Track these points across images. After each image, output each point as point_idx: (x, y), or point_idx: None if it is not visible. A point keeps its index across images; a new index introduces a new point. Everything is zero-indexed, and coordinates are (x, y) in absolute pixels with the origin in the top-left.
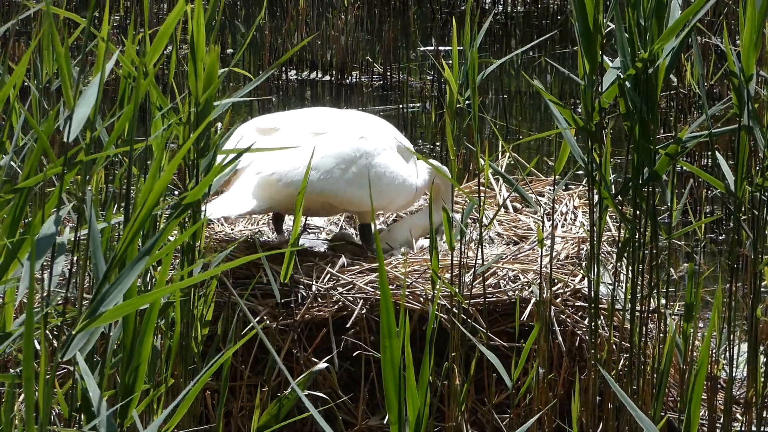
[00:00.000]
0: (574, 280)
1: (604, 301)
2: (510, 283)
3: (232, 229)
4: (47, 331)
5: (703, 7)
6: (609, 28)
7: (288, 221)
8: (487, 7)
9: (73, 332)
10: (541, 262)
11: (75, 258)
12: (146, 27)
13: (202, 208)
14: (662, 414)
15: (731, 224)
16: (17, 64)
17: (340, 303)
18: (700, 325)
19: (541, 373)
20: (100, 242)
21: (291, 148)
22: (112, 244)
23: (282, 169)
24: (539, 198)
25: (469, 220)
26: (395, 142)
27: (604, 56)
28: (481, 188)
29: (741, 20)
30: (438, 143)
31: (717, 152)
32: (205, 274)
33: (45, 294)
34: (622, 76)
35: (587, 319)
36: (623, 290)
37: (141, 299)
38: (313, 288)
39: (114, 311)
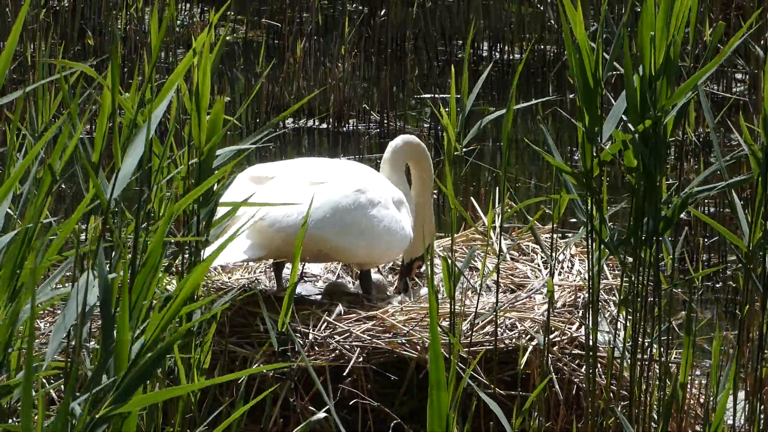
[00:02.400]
0: (571, 328)
1: (601, 349)
2: (507, 331)
3: (229, 278)
4: (44, 379)
5: (713, 68)
6: (609, 74)
7: (287, 271)
8: (484, 55)
9: (97, 416)
10: (549, 310)
11: (78, 309)
12: (152, 76)
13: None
14: None
15: (727, 273)
16: (13, 113)
17: (337, 351)
18: (697, 372)
19: (540, 423)
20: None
21: (287, 196)
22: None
23: (276, 215)
24: (535, 246)
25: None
26: (391, 196)
27: (610, 96)
28: (481, 237)
29: (763, 85)
30: (436, 190)
31: (738, 203)
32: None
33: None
34: (632, 130)
35: (584, 367)
36: (621, 338)
37: (168, 392)
38: (310, 336)
39: (140, 400)
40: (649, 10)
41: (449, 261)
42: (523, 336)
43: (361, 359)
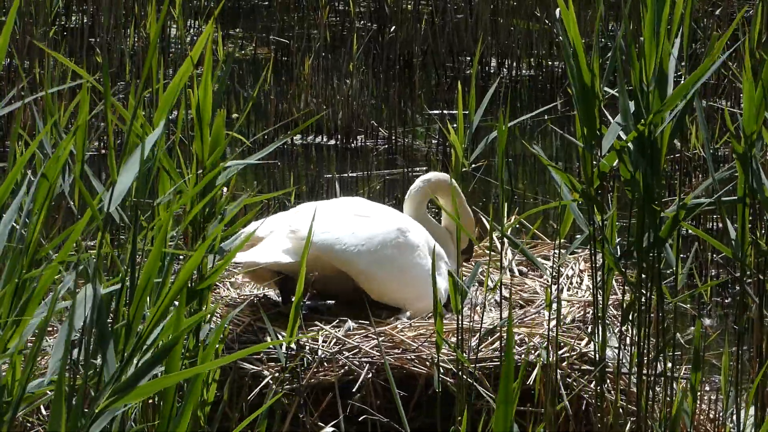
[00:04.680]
0: (580, 344)
1: (610, 364)
2: (516, 346)
3: (238, 294)
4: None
5: (705, 74)
6: (608, 95)
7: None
8: (492, 71)
9: (96, 410)
10: (549, 325)
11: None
12: (153, 90)
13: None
14: None
15: (737, 287)
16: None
17: (347, 367)
18: (707, 388)
19: None
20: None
21: (329, 220)
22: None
23: (315, 231)
24: (544, 261)
25: (474, 283)
26: (427, 245)
27: (606, 113)
28: (488, 252)
29: (745, 87)
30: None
31: (726, 218)
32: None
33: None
34: (624, 139)
35: (593, 382)
36: (629, 354)
37: (164, 380)
38: (319, 352)
39: (140, 390)
40: (647, 19)
41: (455, 276)
42: (532, 351)
43: (370, 375)
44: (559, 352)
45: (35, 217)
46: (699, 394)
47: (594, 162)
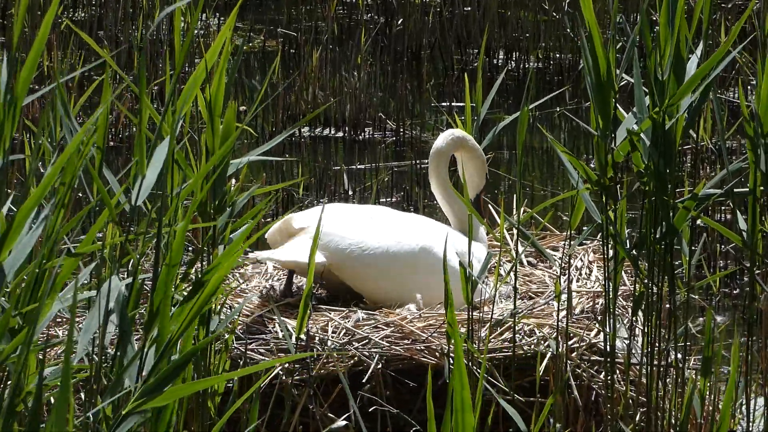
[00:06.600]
0: (589, 335)
1: (619, 355)
2: (526, 337)
3: (247, 285)
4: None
5: (722, 62)
6: (623, 82)
7: (295, 284)
8: (499, 63)
9: (123, 412)
10: (558, 316)
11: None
12: (168, 83)
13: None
14: None
15: (744, 279)
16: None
17: (356, 358)
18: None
19: (558, 429)
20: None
21: (355, 228)
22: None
23: (339, 245)
24: (554, 253)
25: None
26: (455, 250)
27: (618, 106)
28: (497, 243)
29: (759, 77)
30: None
31: (737, 211)
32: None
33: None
34: (636, 130)
35: (603, 373)
36: (639, 344)
37: (195, 385)
38: (329, 343)
39: (169, 393)
40: (663, 6)
41: (465, 267)
42: (542, 342)
43: (380, 366)
44: (569, 343)
45: (56, 211)
46: (708, 384)
47: (607, 151)
